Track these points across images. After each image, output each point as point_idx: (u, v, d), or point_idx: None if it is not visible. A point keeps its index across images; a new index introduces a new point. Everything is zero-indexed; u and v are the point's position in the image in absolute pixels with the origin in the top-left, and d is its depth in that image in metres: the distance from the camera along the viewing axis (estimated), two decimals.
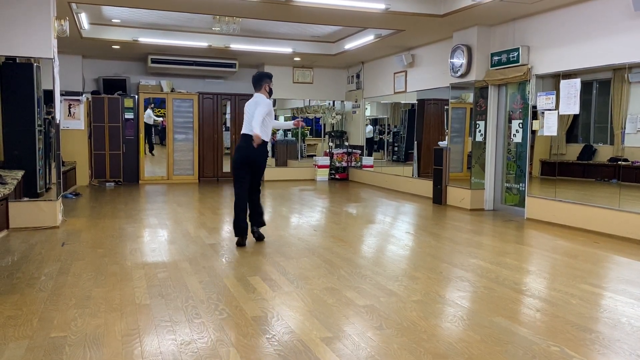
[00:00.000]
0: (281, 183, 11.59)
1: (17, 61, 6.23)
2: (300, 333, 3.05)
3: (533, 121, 7.07)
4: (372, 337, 3.00)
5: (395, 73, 10.61)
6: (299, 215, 7.51)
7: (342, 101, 12.93)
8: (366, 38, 9.29)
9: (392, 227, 6.80)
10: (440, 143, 8.99)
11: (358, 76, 12.15)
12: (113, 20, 8.87)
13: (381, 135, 12.36)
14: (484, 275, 4.34)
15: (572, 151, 7.63)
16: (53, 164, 6.69)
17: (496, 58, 7.65)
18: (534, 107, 7.06)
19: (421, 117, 10.33)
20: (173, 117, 11.59)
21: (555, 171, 7.06)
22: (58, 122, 6.65)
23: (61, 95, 9.28)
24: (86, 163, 10.80)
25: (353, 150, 12.47)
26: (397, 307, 3.51)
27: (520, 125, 7.45)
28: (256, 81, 5.52)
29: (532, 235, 6.27)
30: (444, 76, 8.69)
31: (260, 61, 11.71)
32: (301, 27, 9.30)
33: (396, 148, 11.77)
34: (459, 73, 8.08)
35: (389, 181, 10.85)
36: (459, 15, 7.15)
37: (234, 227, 5.43)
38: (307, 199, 9.23)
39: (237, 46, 10.05)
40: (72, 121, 10.40)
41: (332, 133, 12.87)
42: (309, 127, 14.44)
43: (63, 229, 6.14)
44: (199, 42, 9.87)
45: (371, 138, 12.50)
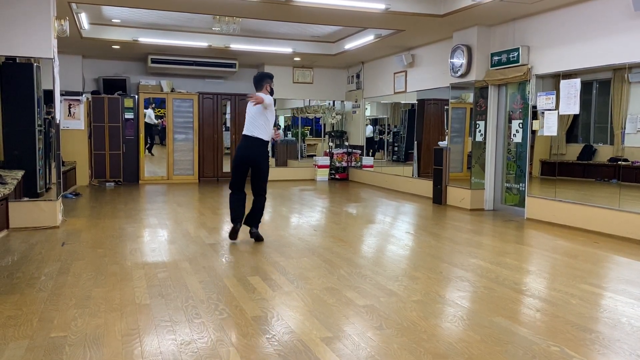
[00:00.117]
0: (281, 183, 11.58)
1: (17, 61, 6.22)
2: (300, 333, 3.05)
3: (533, 121, 7.07)
4: (372, 337, 3.00)
5: (395, 73, 10.61)
6: (299, 215, 7.51)
7: (342, 101, 12.93)
8: (366, 38, 9.29)
9: (392, 227, 6.80)
10: (440, 143, 8.99)
11: (358, 76, 12.14)
12: (113, 20, 8.87)
13: (381, 135, 12.36)
14: (484, 275, 4.34)
15: (572, 151, 7.64)
16: (53, 164, 6.69)
17: (496, 58, 7.65)
18: (534, 107, 7.06)
19: (421, 117, 10.33)
20: (173, 117, 11.58)
21: (555, 171, 7.05)
22: (58, 122, 6.65)
23: (61, 95, 9.28)
24: (86, 163, 10.79)
25: (353, 150, 12.48)
26: (397, 307, 3.51)
27: (520, 125, 7.45)
28: (257, 81, 5.54)
29: (532, 235, 6.27)
30: (444, 76, 8.69)
31: (260, 61, 11.71)
32: (301, 27, 9.30)
33: (396, 148, 11.78)
34: (459, 73, 8.08)
35: (389, 181, 10.85)
36: (459, 15, 7.15)
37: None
38: (307, 199, 9.23)
39: (237, 46, 10.06)
40: (72, 121, 10.40)
41: (332, 133, 12.87)
42: (309, 127, 14.45)
43: (63, 229, 6.14)
44: (199, 42, 9.87)
45: (371, 138, 12.50)
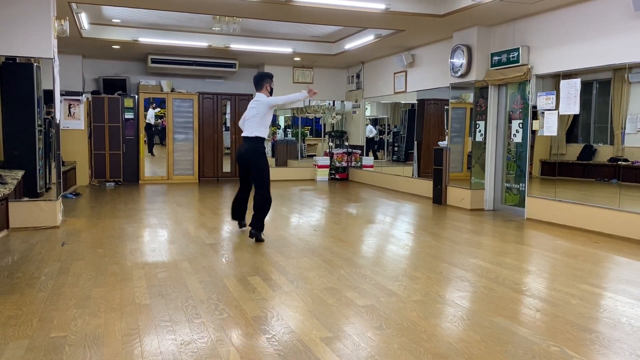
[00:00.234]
0: (281, 183, 11.58)
1: (17, 61, 6.22)
2: (300, 333, 3.05)
3: (533, 121, 7.07)
4: (372, 337, 3.00)
5: (395, 73, 10.61)
6: (299, 215, 7.51)
7: (342, 101, 12.93)
8: (366, 38, 9.29)
9: (392, 227, 6.80)
10: (440, 143, 8.99)
11: (358, 76, 12.14)
12: (113, 20, 8.87)
13: (381, 135, 12.35)
14: (484, 275, 4.34)
15: (572, 151, 7.64)
16: (53, 164, 6.69)
17: (496, 58, 7.65)
18: (534, 107, 7.06)
19: (421, 117, 10.33)
20: (173, 117, 11.58)
21: (555, 171, 7.05)
22: (58, 122, 6.65)
23: (61, 95, 9.28)
24: (86, 163, 10.79)
25: (353, 150, 12.48)
26: (397, 307, 3.51)
27: (520, 125, 7.45)
28: (257, 81, 5.57)
29: (532, 235, 6.27)
30: (444, 76, 8.69)
31: (260, 61, 11.71)
32: (301, 27, 9.30)
33: (396, 148, 11.77)
34: (459, 73, 8.08)
35: (389, 181, 10.85)
36: (459, 15, 7.15)
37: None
38: (307, 199, 9.23)
39: (237, 46, 10.05)
40: (72, 121, 10.40)
41: (332, 133, 12.87)
42: (309, 127, 14.44)
43: (63, 229, 6.14)
44: (199, 42, 9.87)
45: (372, 138, 12.49)
